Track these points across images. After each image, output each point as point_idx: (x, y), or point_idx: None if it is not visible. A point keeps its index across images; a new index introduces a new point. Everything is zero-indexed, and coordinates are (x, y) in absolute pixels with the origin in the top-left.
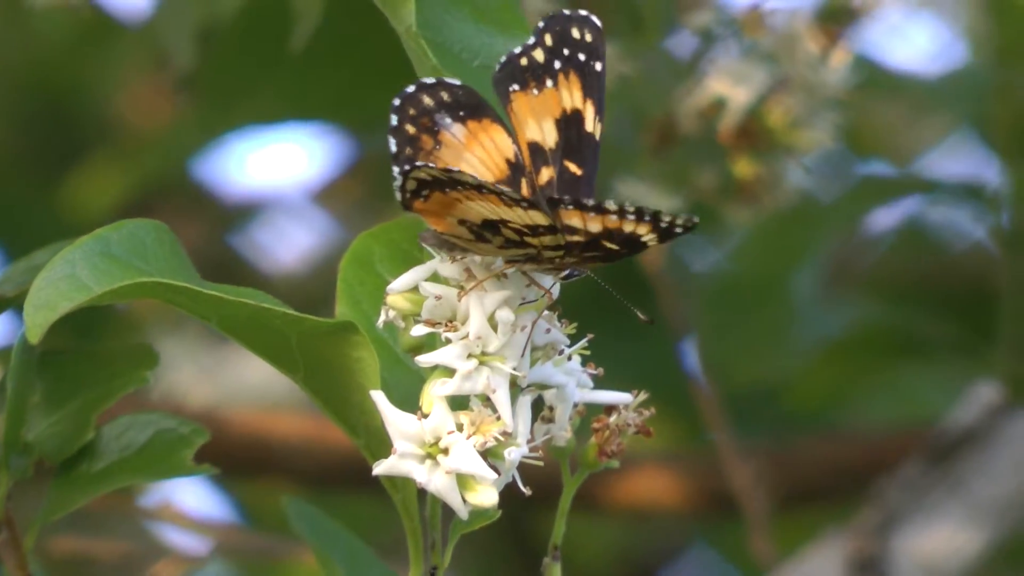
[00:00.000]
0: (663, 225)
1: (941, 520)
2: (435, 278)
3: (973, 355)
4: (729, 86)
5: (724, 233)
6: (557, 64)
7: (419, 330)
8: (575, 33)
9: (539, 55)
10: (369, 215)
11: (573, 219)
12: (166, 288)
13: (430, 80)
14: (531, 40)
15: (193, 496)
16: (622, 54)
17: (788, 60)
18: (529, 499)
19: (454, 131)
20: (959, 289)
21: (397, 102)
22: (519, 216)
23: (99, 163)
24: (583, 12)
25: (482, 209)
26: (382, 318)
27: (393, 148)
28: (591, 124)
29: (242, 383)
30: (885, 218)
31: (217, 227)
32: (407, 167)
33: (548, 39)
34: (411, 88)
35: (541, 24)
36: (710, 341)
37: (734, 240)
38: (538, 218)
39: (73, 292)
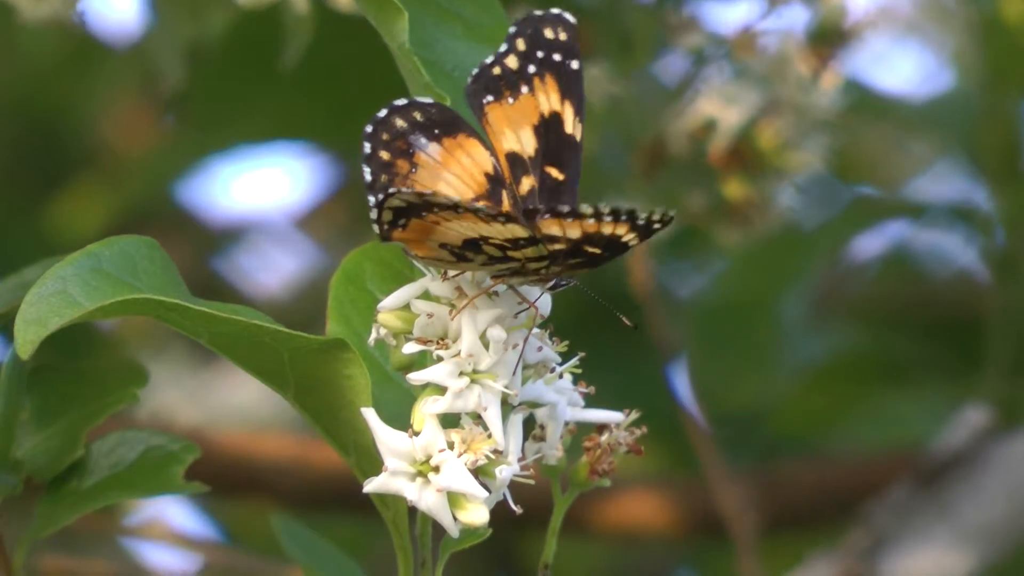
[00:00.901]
0: (640, 223)
1: (929, 543)
2: (426, 296)
3: (957, 381)
4: (720, 108)
5: (712, 258)
6: (532, 68)
7: (410, 348)
8: (548, 33)
9: (512, 62)
10: (352, 240)
11: (552, 228)
12: (157, 304)
13: (401, 101)
14: (503, 48)
15: (177, 517)
16: (613, 75)
17: (779, 82)
18: (516, 519)
19: (430, 151)
20: (943, 316)
21: (369, 129)
22: (498, 231)
23: (84, 185)
24: (556, 11)
25: (461, 229)
26: (373, 336)
27: (368, 177)
28: (571, 125)
29: (226, 406)
30: (871, 245)
31: (201, 251)
32: (380, 196)
33: (521, 44)
34: (383, 112)
35: (513, 29)
36: (698, 366)
37: (721, 266)
38: (517, 231)
39: (64, 308)
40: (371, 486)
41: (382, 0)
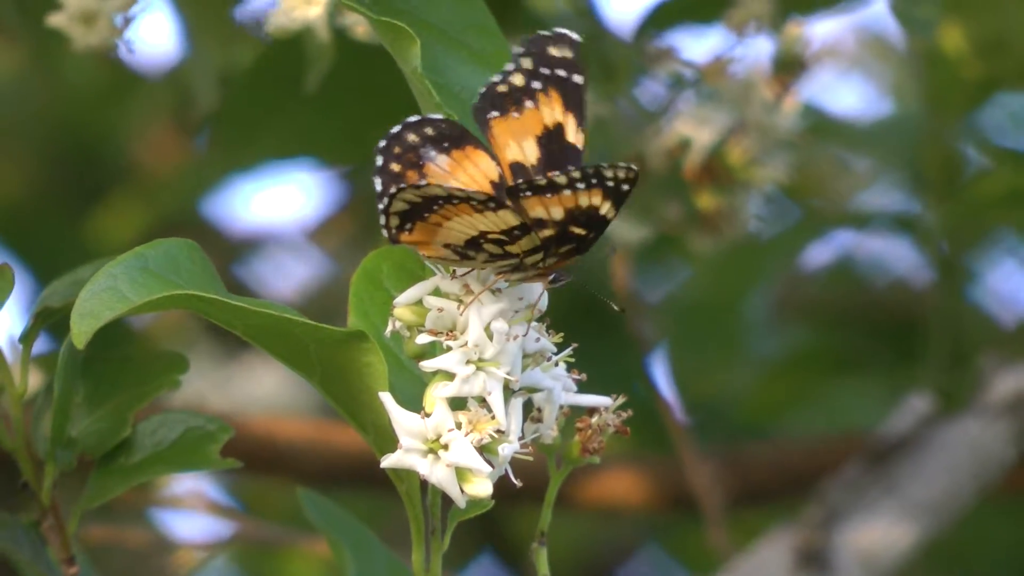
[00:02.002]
0: (608, 183)
1: (878, 517)
2: (437, 292)
3: (895, 374)
4: (693, 128)
5: (679, 266)
6: (537, 84)
7: (423, 339)
8: (554, 52)
9: (518, 79)
10: (358, 250)
11: (537, 209)
12: (198, 300)
13: (415, 118)
14: (510, 66)
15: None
16: (597, 99)
17: (746, 105)
18: (509, 494)
19: (439, 162)
20: (883, 318)
21: (383, 143)
22: (493, 221)
23: (120, 201)
24: (560, 30)
25: (462, 227)
26: (389, 328)
27: (379, 187)
28: (572, 134)
29: (249, 397)
30: (821, 255)
31: (223, 259)
32: (386, 198)
33: (527, 62)
34: (397, 128)
35: (520, 49)
36: (673, 359)
37: (688, 273)
38: (509, 218)
39: (115, 302)
40: (387, 462)
41: (398, 29)
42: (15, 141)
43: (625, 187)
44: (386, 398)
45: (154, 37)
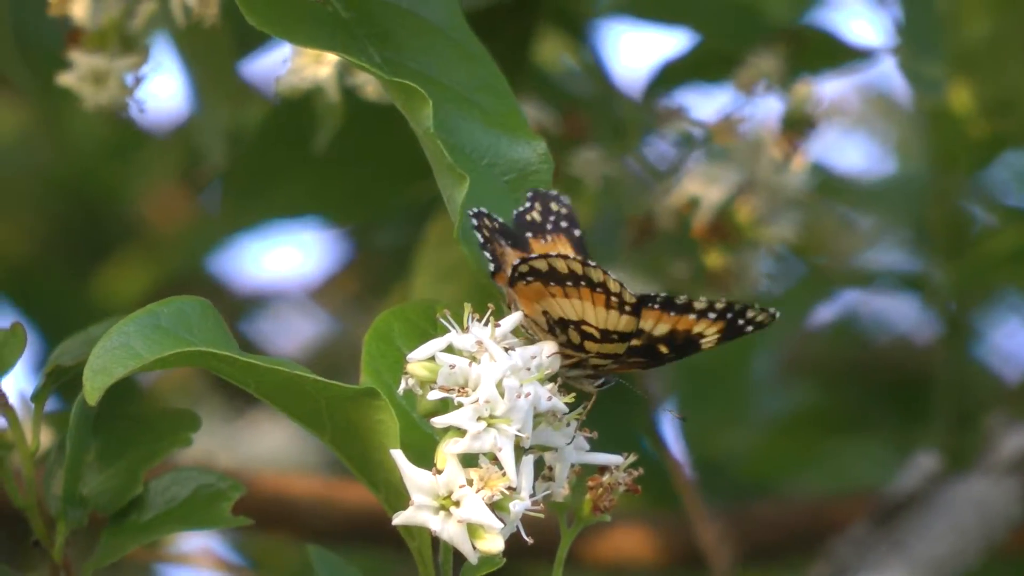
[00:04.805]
0: (738, 320)
1: (885, 575)
2: (449, 349)
3: (900, 433)
4: (702, 187)
5: None
6: (549, 226)
7: (435, 395)
8: (554, 206)
9: (536, 216)
10: (361, 308)
11: (647, 321)
12: (209, 356)
13: (476, 210)
14: (527, 205)
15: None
16: (607, 158)
17: (754, 164)
18: (520, 552)
19: (507, 252)
20: (888, 376)
21: (475, 222)
22: (608, 318)
23: (127, 259)
24: (554, 192)
25: (571, 308)
26: (403, 385)
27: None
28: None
29: (257, 454)
30: (826, 314)
31: (228, 316)
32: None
33: (537, 207)
34: (474, 212)
35: (529, 197)
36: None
37: None
38: (627, 323)
39: (127, 359)
40: (399, 519)
41: (410, 90)
42: (22, 199)
43: (749, 328)
44: (398, 455)
45: (162, 95)
